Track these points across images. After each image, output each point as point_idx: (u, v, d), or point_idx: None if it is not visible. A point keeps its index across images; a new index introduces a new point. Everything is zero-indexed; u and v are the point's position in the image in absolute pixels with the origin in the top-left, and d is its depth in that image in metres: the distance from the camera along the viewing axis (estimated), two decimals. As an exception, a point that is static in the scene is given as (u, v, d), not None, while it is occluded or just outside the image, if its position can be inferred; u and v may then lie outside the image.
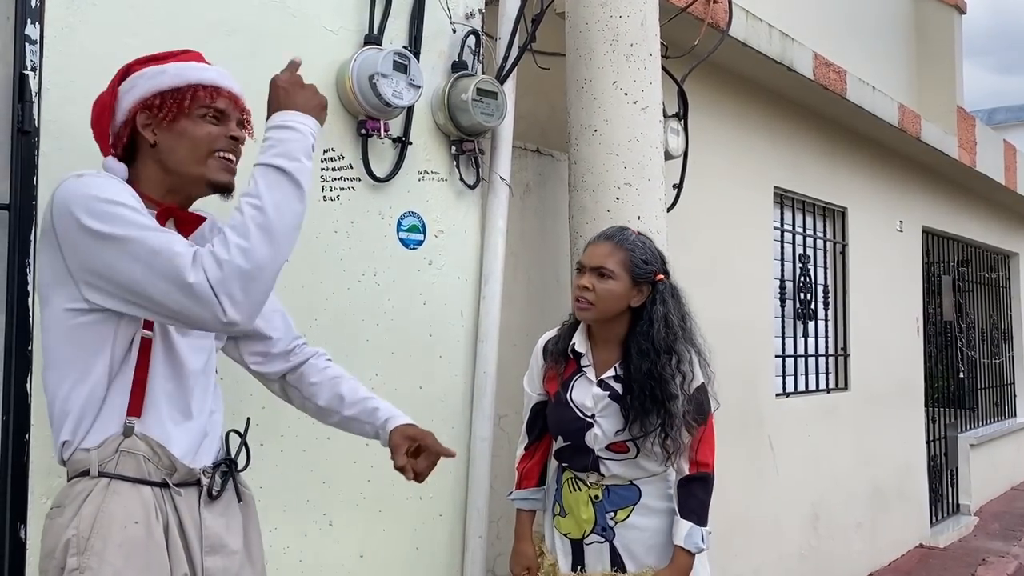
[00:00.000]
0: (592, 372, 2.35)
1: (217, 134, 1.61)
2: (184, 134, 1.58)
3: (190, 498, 1.57)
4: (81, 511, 1.46)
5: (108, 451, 1.49)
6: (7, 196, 1.79)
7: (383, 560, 2.53)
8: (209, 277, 1.40)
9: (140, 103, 1.57)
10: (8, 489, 1.76)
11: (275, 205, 1.47)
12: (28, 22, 1.80)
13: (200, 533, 1.58)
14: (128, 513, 1.47)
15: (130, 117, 1.58)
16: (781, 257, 5.00)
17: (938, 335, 7.38)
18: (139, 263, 1.41)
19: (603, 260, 2.27)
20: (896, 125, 5.44)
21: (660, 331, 2.25)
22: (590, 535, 2.32)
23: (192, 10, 2.10)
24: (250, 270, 1.43)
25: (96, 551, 1.44)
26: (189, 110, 1.58)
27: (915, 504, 6.41)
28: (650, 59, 2.89)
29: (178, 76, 1.59)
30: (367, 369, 2.49)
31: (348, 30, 2.45)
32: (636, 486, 2.31)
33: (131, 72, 1.61)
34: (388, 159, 2.57)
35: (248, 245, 1.43)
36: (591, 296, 2.26)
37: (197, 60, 1.65)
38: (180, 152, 1.58)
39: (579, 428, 2.31)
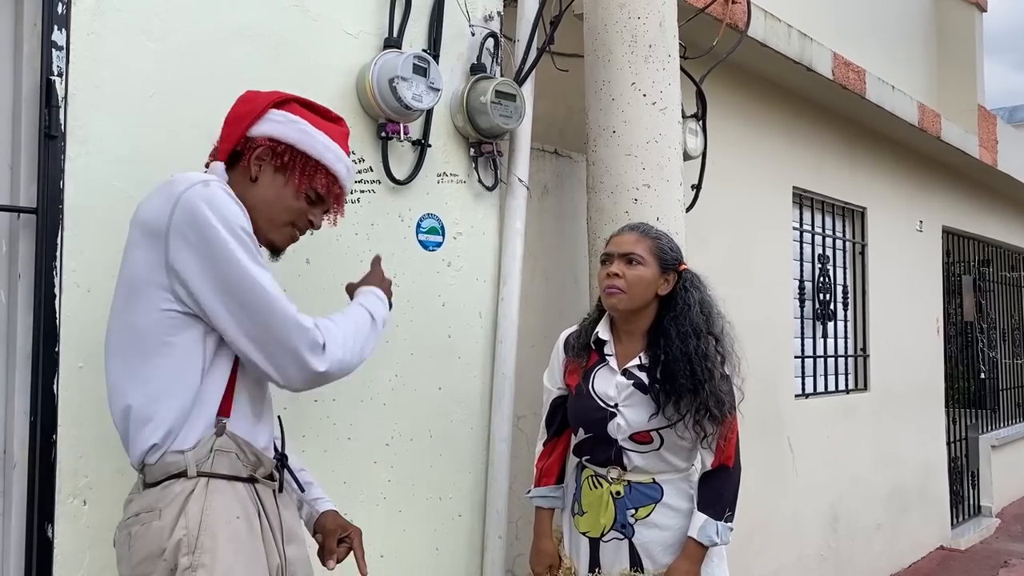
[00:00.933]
0: (615, 362, 2.35)
1: (304, 212, 1.70)
2: (281, 194, 1.66)
3: (268, 492, 1.64)
4: (187, 511, 1.50)
5: (203, 451, 1.53)
6: (35, 200, 1.81)
7: (403, 560, 2.54)
8: (327, 339, 1.58)
9: (272, 141, 1.64)
10: (36, 489, 1.79)
11: (367, 334, 1.72)
12: (55, 28, 1.82)
13: (281, 524, 1.65)
14: (230, 509, 1.53)
15: (256, 142, 1.64)
16: (800, 257, 4.98)
17: (958, 335, 7.33)
18: (254, 317, 1.52)
19: (632, 247, 2.30)
20: (916, 124, 5.41)
21: (698, 314, 2.27)
22: (609, 532, 2.32)
23: (215, 16, 2.12)
24: (350, 363, 1.65)
25: (207, 548, 1.48)
26: (303, 182, 1.67)
27: (936, 506, 6.36)
28: (669, 60, 2.89)
29: (319, 151, 1.67)
30: (387, 370, 2.50)
31: (368, 34, 2.47)
32: (659, 484, 2.31)
33: (290, 107, 1.68)
34: (408, 162, 2.58)
35: (353, 345, 1.65)
36: (621, 283, 2.27)
37: (344, 140, 1.75)
38: (267, 205, 1.66)
39: (601, 418, 2.31)
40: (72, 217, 1.84)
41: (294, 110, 1.68)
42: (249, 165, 1.64)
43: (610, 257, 2.33)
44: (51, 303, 1.81)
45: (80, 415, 1.84)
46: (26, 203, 1.83)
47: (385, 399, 2.50)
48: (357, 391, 2.42)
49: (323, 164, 1.67)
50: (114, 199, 1.90)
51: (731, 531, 2.29)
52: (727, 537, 2.26)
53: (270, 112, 1.65)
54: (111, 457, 1.88)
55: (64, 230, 1.83)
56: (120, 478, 1.90)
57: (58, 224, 1.82)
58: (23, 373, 1.81)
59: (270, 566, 1.58)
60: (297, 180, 1.65)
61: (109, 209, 1.89)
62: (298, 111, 1.68)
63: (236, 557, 1.50)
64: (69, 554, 1.83)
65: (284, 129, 1.65)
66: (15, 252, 1.83)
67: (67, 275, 1.83)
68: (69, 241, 1.84)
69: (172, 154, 2.00)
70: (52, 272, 1.81)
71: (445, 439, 2.68)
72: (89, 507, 1.86)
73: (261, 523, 1.59)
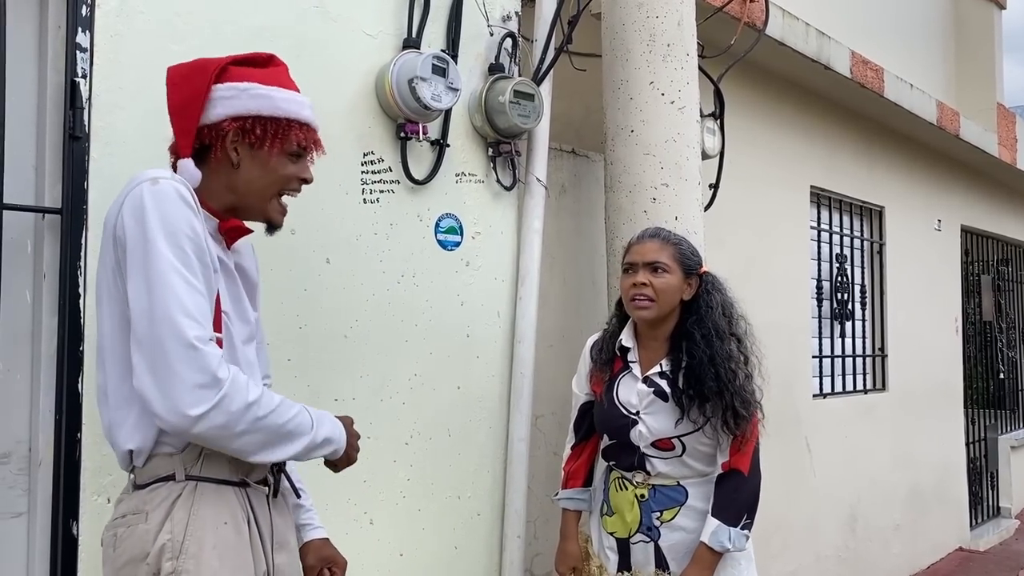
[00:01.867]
0: (638, 369, 2.35)
1: (293, 175, 1.63)
2: (266, 167, 1.59)
3: (260, 497, 1.60)
4: (173, 515, 1.46)
5: (193, 455, 1.50)
6: (59, 200, 1.83)
7: (423, 559, 2.55)
8: (234, 394, 1.40)
9: (236, 120, 1.55)
10: (61, 486, 1.80)
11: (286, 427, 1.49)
12: (79, 30, 1.84)
13: (272, 531, 1.61)
14: (218, 514, 1.49)
15: (222, 128, 1.55)
16: (818, 257, 4.96)
17: (977, 335, 7.28)
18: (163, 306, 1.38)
19: (656, 255, 2.29)
20: (935, 123, 5.38)
21: (720, 317, 2.28)
22: (636, 534, 2.32)
23: (235, 17, 2.13)
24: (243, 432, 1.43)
25: (192, 554, 1.44)
26: (280, 146, 1.58)
27: (954, 507, 6.32)
28: (687, 59, 2.89)
29: (282, 108, 1.58)
30: (406, 369, 2.51)
31: (387, 34, 2.48)
32: (683, 487, 2.31)
33: (229, 74, 1.57)
34: (426, 161, 2.59)
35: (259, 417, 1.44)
36: (650, 292, 2.27)
37: (288, 78, 1.64)
38: (256, 183, 1.59)
39: (624, 425, 2.31)
40: (96, 217, 1.86)
41: (234, 76, 1.57)
42: (226, 153, 1.56)
43: (634, 266, 2.32)
44: (75, 303, 1.83)
45: (104, 414, 1.85)
46: (51, 204, 1.84)
47: (404, 398, 2.51)
48: (376, 390, 2.43)
49: (292, 118, 1.59)
50: (137, 199, 1.91)
51: (747, 538, 2.26)
52: (742, 544, 2.23)
53: (215, 90, 1.54)
54: (135, 455, 1.90)
55: (88, 230, 1.85)
56: (143, 476, 1.92)
57: (82, 224, 1.84)
58: (48, 372, 1.83)
59: (257, 573, 1.54)
60: (278, 146, 1.58)
61: (132, 209, 1.90)
62: (238, 73, 1.57)
63: (221, 564, 1.46)
64: (93, 551, 1.84)
65: (239, 102, 1.55)
66: (40, 252, 1.85)
67: (91, 275, 1.84)
68: (93, 241, 1.85)
69: (194, 155, 2.01)
70: (76, 272, 1.83)
71: (464, 438, 2.68)
72: (113, 505, 1.87)
73: (250, 529, 1.55)
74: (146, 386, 1.38)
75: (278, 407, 1.49)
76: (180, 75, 1.59)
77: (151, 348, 1.38)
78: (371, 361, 2.42)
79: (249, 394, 1.43)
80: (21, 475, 1.83)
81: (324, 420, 1.60)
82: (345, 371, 2.35)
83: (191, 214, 1.45)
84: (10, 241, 1.80)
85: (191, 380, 1.37)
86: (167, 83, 1.59)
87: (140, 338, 1.40)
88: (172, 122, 1.58)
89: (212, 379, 1.38)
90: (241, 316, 1.64)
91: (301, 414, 1.54)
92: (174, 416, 1.37)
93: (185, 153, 1.55)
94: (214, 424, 1.39)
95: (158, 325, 1.38)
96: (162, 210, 1.42)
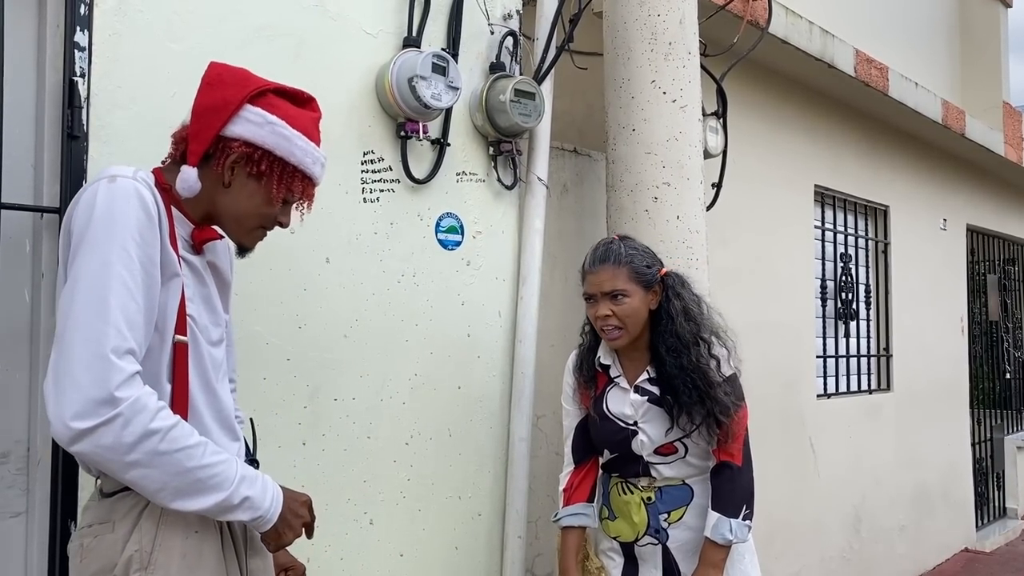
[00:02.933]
0: (624, 381, 2.33)
1: (273, 216, 1.61)
2: (253, 200, 1.56)
3: None
4: (141, 525, 1.42)
5: None
6: (57, 199, 1.83)
7: (423, 559, 2.54)
8: (131, 417, 1.30)
9: (249, 147, 1.53)
10: (59, 485, 1.80)
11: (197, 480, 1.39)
12: (77, 29, 1.84)
13: (246, 535, 1.59)
14: (187, 523, 1.46)
15: (231, 146, 1.52)
16: (822, 256, 4.94)
17: (983, 335, 7.25)
18: (85, 301, 1.33)
19: (613, 282, 2.24)
20: (940, 122, 5.35)
21: (683, 324, 2.25)
22: (643, 537, 2.31)
23: (235, 16, 2.13)
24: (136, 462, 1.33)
25: (161, 564, 1.42)
26: (280, 190, 1.57)
27: (960, 507, 6.29)
28: (689, 57, 2.88)
29: (297, 157, 1.56)
30: (407, 369, 2.51)
31: (387, 33, 2.47)
32: (688, 485, 2.30)
33: (265, 100, 1.55)
34: (427, 161, 2.58)
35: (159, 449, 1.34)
36: (615, 321, 2.24)
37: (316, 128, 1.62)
38: (238, 209, 1.57)
39: (624, 438, 2.30)
40: (94, 216, 1.85)
41: (270, 104, 1.55)
42: (223, 171, 1.53)
43: (593, 298, 2.29)
44: (74, 302, 1.82)
45: (102, 413, 1.85)
46: (49, 203, 1.84)
47: (405, 398, 2.50)
48: (377, 390, 2.43)
49: (300, 169, 1.57)
50: (136, 199, 1.91)
51: (749, 529, 2.26)
52: (744, 535, 2.23)
53: (246, 109, 1.52)
54: (133, 455, 1.90)
55: (86, 229, 1.84)
56: (142, 476, 1.91)
57: (81, 223, 1.84)
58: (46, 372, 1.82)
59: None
60: (275, 188, 1.56)
61: (131, 208, 1.90)
62: (274, 103, 1.56)
63: (191, 574, 1.44)
64: (92, 551, 1.84)
65: (261, 133, 1.52)
66: (38, 251, 1.85)
67: (89, 274, 1.84)
68: (91, 240, 1.85)
69: (193, 154, 2.01)
70: (75, 271, 1.83)
71: (465, 438, 2.68)
72: (111, 505, 1.87)
73: (222, 536, 1.52)
74: (47, 387, 1.32)
75: (191, 447, 1.37)
76: (219, 78, 1.56)
77: (61, 349, 1.32)
78: (371, 361, 2.41)
79: (153, 421, 1.33)
80: (19, 474, 1.83)
81: (254, 481, 1.47)
82: (345, 371, 2.35)
83: (144, 216, 1.41)
84: (8, 240, 1.79)
85: (87, 392, 1.29)
86: (204, 79, 1.57)
87: (57, 337, 1.34)
88: (192, 120, 1.55)
89: (108, 396, 1.29)
90: (211, 317, 1.60)
91: (223, 464, 1.41)
92: (58, 424, 1.30)
93: (192, 160, 1.52)
94: (99, 444, 1.29)
95: (75, 327, 1.32)
96: (113, 209, 1.38)
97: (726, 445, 2.24)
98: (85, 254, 1.36)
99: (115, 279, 1.35)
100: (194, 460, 1.38)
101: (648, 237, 2.78)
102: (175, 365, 1.48)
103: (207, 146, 1.52)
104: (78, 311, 1.33)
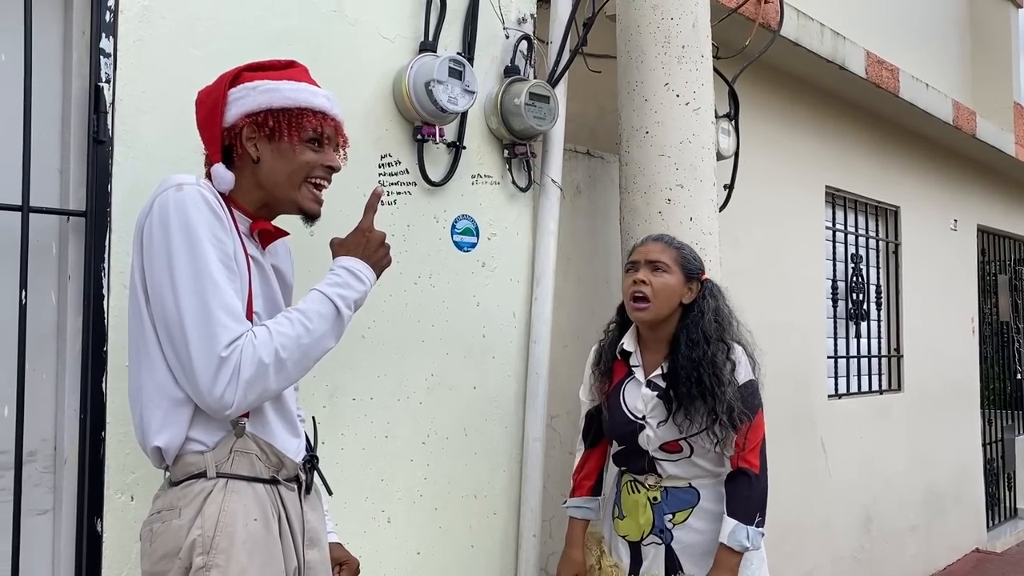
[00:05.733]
0: (641, 373, 2.37)
1: (315, 162, 1.64)
2: (285, 157, 1.61)
3: (293, 494, 1.63)
4: (204, 511, 1.49)
5: (223, 452, 1.53)
6: (83, 203, 1.86)
7: (439, 557, 2.57)
8: (241, 367, 1.46)
9: (249, 116, 1.59)
10: (86, 484, 1.83)
11: (320, 337, 1.56)
12: (103, 36, 1.87)
13: (303, 527, 1.63)
14: (248, 511, 1.52)
15: (237, 127, 1.59)
16: (833, 257, 4.95)
17: (994, 335, 7.24)
18: (190, 305, 1.45)
19: (658, 255, 2.33)
20: (951, 122, 5.35)
21: (711, 322, 2.30)
22: (648, 536, 2.34)
23: (256, 21, 2.16)
24: (274, 389, 1.51)
25: (222, 549, 1.47)
26: (295, 134, 1.60)
27: (971, 508, 6.29)
28: (702, 60, 2.90)
29: (291, 98, 1.61)
30: (422, 369, 2.53)
31: (404, 37, 2.50)
32: (695, 489, 2.32)
33: (242, 78, 1.62)
34: (443, 163, 2.61)
35: (286, 361, 1.50)
36: (648, 291, 2.29)
37: (306, 77, 1.67)
38: (279, 174, 1.62)
39: (632, 432, 2.33)
40: (119, 220, 1.89)
41: (247, 79, 1.62)
42: (245, 150, 1.60)
43: (635, 265, 2.36)
44: (99, 304, 1.86)
45: (127, 414, 1.85)
46: (75, 206, 1.88)
47: (421, 398, 2.53)
48: (394, 390, 2.46)
49: (302, 107, 1.61)
50: (160, 202, 1.94)
51: (763, 536, 2.28)
52: (758, 542, 2.26)
53: (230, 94, 1.60)
54: (157, 454, 1.93)
55: (112, 233, 1.88)
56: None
57: (106, 227, 1.87)
58: (73, 372, 1.86)
59: (287, 569, 1.56)
60: (287, 134, 1.60)
61: (155, 212, 1.93)
62: (250, 77, 1.63)
63: (251, 559, 1.49)
64: (117, 548, 1.87)
65: (250, 99, 1.60)
66: (64, 254, 1.88)
67: (115, 276, 1.88)
68: (117, 244, 1.88)
69: (215, 158, 2.04)
70: (100, 274, 1.86)
71: (480, 438, 2.70)
72: (136, 502, 1.90)
73: (280, 525, 1.57)
74: (184, 385, 1.48)
75: (296, 333, 1.52)
76: (204, 93, 1.66)
77: (182, 362, 1.46)
78: (388, 361, 2.44)
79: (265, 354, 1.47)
80: (47, 473, 1.87)
81: (343, 284, 1.61)
82: (363, 371, 2.38)
83: (213, 218, 1.50)
84: (35, 243, 1.83)
85: (211, 392, 1.45)
86: (195, 105, 1.67)
87: (172, 344, 1.48)
88: (201, 136, 1.65)
89: (223, 373, 1.45)
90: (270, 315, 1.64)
91: (321, 317, 1.55)
92: (208, 406, 1.47)
93: (215, 159, 1.60)
94: (239, 404, 1.47)
95: (190, 342, 1.45)
96: (186, 215, 1.47)
97: (743, 451, 2.26)
98: (171, 261, 1.47)
99: (207, 281, 1.46)
100: (316, 328, 1.54)
101: (661, 239, 2.81)
102: None
103: (218, 143, 1.60)
104: (188, 323, 1.45)
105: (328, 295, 1.58)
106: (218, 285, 1.46)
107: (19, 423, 1.77)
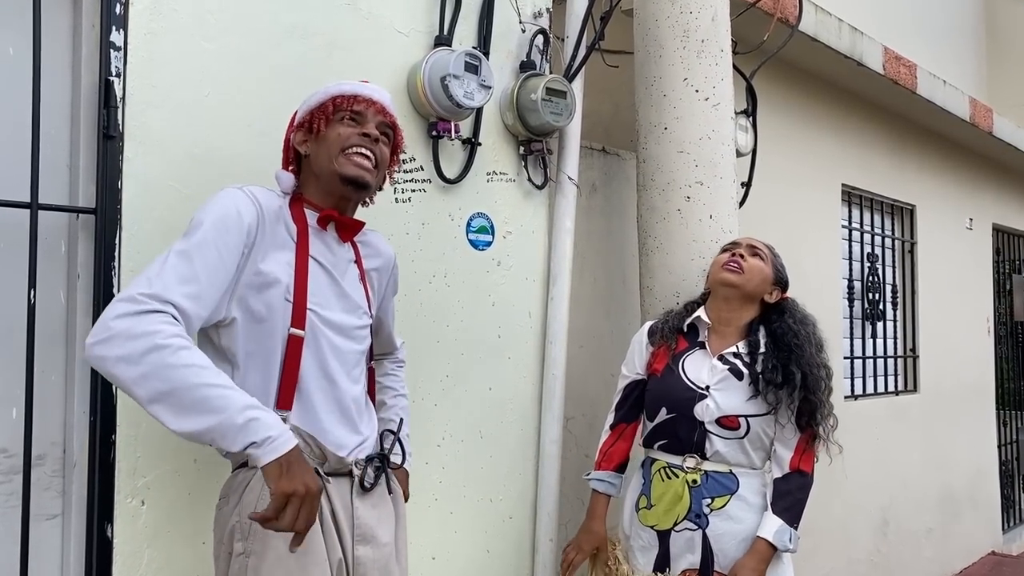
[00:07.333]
0: (709, 348, 2.39)
1: (349, 133, 1.72)
2: (322, 140, 1.73)
3: (342, 488, 1.66)
4: (243, 499, 1.57)
5: None
6: (93, 200, 1.82)
7: (455, 562, 2.52)
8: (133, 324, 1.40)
9: (296, 124, 1.78)
10: (95, 489, 1.79)
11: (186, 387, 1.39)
12: (113, 29, 1.82)
13: (352, 523, 1.65)
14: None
15: (288, 137, 1.80)
16: (849, 256, 4.89)
17: (1009, 336, 7.16)
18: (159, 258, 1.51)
19: (758, 244, 2.44)
20: (967, 120, 5.28)
21: (803, 321, 2.37)
22: (682, 522, 2.29)
23: (268, 15, 2.11)
24: (109, 368, 1.40)
25: (259, 536, 1.53)
26: (330, 119, 1.73)
27: (987, 510, 6.22)
28: (721, 55, 2.84)
29: (324, 93, 1.75)
30: (438, 370, 2.48)
31: (419, 32, 2.45)
32: (735, 476, 2.31)
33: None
34: (458, 160, 2.56)
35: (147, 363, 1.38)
36: (744, 263, 2.36)
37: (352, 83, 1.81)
38: (322, 157, 1.72)
39: (689, 398, 2.32)
40: (130, 217, 1.84)
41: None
42: (298, 150, 1.77)
43: (736, 245, 2.44)
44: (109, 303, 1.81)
45: (138, 416, 1.83)
46: (85, 203, 1.83)
47: (436, 399, 2.48)
48: (409, 391, 2.40)
49: (330, 96, 1.74)
50: (171, 199, 1.90)
51: (799, 539, 2.28)
52: (797, 546, 2.26)
53: (296, 114, 1.81)
54: (168, 458, 1.89)
55: (122, 230, 1.83)
56: (177, 478, 1.90)
57: (116, 224, 1.82)
58: (82, 374, 1.82)
59: (331, 560, 1.58)
60: (322, 121, 1.72)
61: (166, 209, 1.89)
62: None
63: (287, 546, 1.49)
64: (128, 554, 1.83)
65: (300, 112, 1.79)
66: (74, 252, 1.84)
67: (125, 275, 1.83)
68: (127, 241, 1.84)
69: (227, 153, 2.00)
70: (111, 272, 1.81)
71: (495, 440, 2.65)
72: (147, 507, 1.86)
73: (322, 517, 1.59)
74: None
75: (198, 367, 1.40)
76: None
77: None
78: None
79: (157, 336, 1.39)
80: (56, 477, 1.82)
81: (266, 411, 1.43)
82: (377, 372, 2.33)
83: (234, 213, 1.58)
84: (44, 241, 1.78)
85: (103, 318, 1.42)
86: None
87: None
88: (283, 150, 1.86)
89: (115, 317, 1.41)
90: (339, 310, 1.71)
91: (231, 389, 1.41)
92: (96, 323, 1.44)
93: (282, 167, 1.81)
94: (94, 349, 1.40)
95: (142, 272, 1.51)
96: (212, 203, 1.59)
97: (804, 453, 2.31)
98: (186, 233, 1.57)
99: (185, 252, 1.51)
100: (200, 379, 1.40)
101: (680, 236, 2.76)
102: (287, 354, 1.62)
103: (287, 153, 1.81)
104: (146, 268, 1.51)
105: (246, 403, 1.41)
106: (190, 258, 1.50)
107: (28, 426, 1.73)
